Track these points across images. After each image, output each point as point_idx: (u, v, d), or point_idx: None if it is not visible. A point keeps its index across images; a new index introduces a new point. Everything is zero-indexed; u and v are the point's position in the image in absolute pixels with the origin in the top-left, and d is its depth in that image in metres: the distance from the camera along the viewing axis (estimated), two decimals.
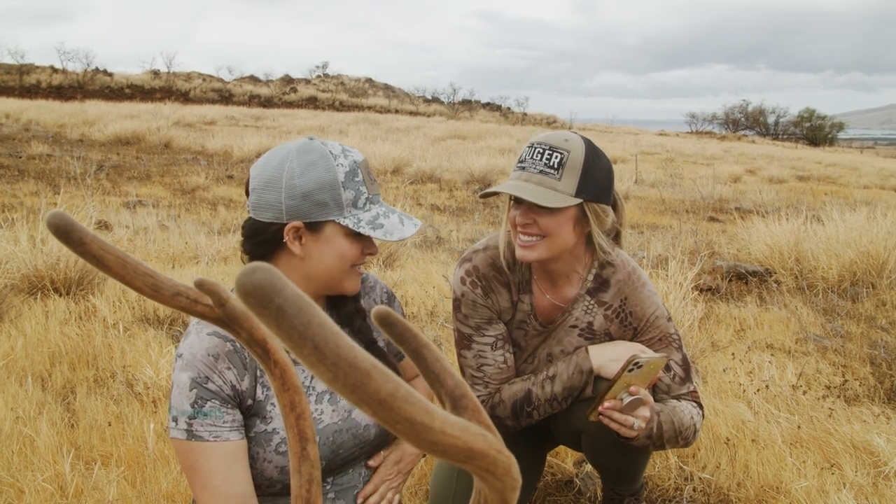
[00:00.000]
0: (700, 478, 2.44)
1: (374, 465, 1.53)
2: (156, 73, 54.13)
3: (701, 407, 1.78)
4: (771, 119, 70.68)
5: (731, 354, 3.64)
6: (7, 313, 3.62)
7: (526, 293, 1.81)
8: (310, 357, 0.33)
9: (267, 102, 51.50)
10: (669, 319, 1.79)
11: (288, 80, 63.76)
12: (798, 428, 2.78)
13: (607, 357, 1.72)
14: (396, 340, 0.45)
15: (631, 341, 1.78)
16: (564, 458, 2.55)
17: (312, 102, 53.51)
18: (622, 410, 1.59)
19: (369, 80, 71.45)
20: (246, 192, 1.40)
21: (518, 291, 1.82)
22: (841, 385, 3.29)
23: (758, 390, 3.13)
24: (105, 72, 52.31)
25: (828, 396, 3.15)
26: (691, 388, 1.78)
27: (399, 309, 1.69)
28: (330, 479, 1.45)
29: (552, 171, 1.60)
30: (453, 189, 11.34)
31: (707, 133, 61.71)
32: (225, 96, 51.56)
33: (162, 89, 50.51)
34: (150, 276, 0.58)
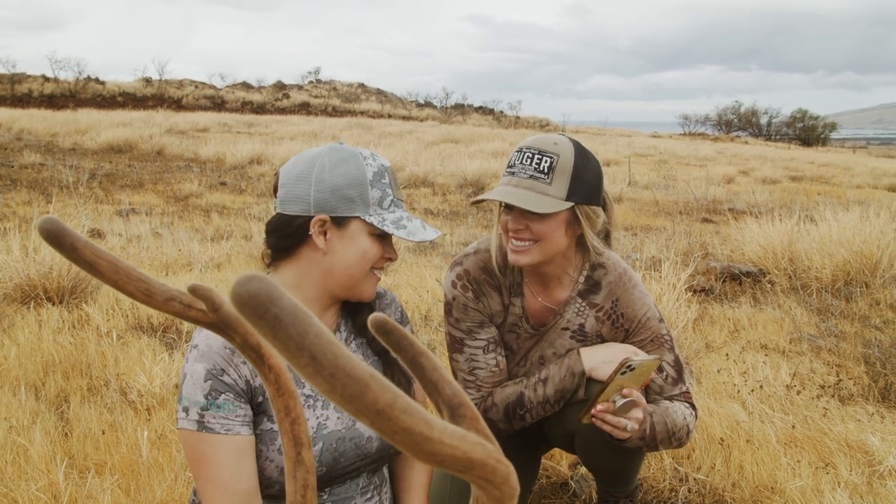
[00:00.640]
0: (695, 479, 2.44)
1: None
2: (148, 81, 53.93)
3: (694, 408, 1.78)
4: (763, 120, 70.91)
5: (726, 355, 3.65)
6: (0, 323, 3.61)
7: (517, 296, 1.81)
8: (307, 367, 0.33)
9: (259, 109, 51.38)
10: (661, 320, 1.79)
11: (280, 87, 63.65)
12: (792, 428, 2.79)
13: (599, 359, 1.72)
14: (393, 349, 0.46)
15: (623, 343, 1.78)
16: (559, 461, 2.55)
17: (305, 108, 53.42)
18: (615, 413, 1.58)
19: (362, 85, 71.39)
20: (273, 193, 1.43)
21: (509, 294, 1.81)
22: (835, 384, 3.30)
23: (752, 390, 3.14)
24: (97, 80, 52.07)
25: (822, 396, 3.16)
26: (684, 389, 1.79)
27: (409, 330, 1.69)
28: (328, 488, 1.44)
29: (542, 176, 1.60)
30: (446, 193, 11.33)
31: (700, 134, 61.85)
32: (217, 103, 51.41)
33: (154, 97, 50.31)
34: (142, 281, 0.58)
